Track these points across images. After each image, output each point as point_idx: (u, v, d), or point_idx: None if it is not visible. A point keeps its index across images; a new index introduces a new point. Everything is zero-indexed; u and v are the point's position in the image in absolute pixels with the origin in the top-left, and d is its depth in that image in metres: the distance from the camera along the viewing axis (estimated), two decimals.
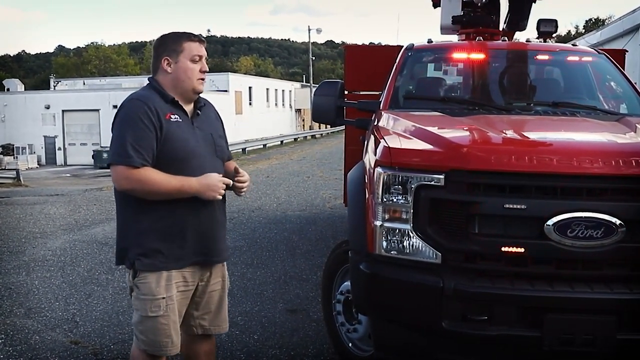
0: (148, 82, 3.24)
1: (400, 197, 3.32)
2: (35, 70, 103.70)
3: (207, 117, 3.33)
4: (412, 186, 3.27)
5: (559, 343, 3.08)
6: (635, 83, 4.95)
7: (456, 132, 3.73)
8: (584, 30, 54.84)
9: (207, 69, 3.25)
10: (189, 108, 3.22)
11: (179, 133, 3.10)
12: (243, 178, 3.31)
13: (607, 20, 51.07)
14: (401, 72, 5.07)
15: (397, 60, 5.23)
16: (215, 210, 3.25)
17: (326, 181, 16.84)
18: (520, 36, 7.23)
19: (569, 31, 63.61)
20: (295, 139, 46.66)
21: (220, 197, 3.15)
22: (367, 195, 3.62)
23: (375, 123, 4.33)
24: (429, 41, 5.45)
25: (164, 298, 3.10)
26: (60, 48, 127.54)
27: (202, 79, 3.22)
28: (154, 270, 3.08)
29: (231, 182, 3.18)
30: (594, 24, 56.72)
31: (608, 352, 3.09)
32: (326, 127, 50.53)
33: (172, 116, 3.10)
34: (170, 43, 3.17)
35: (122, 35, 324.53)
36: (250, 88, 48.45)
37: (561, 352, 3.12)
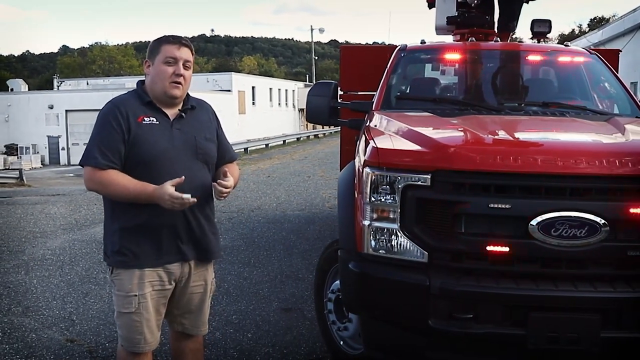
0: None
1: (388, 197, 3.36)
2: (40, 71, 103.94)
3: (195, 120, 3.32)
4: (400, 186, 3.31)
5: (543, 341, 3.12)
6: (637, 82, 4.97)
7: (443, 133, 3.76)
8: (587, 29, 54.76)
9: (182, 73, 3.16)
10: (171, 110, 3.23)
11: (149, 136, 3.12)
12: (226, 183, 3.17)
13: (610, 19, 51.00)
14: (394, 73, 5.11)
15: (390, 61, 5.27)
16: (187, 212, 3.17)
17: (327, 181, 16.88)
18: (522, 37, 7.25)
19: (573, 30, 63.59)
20: (298, 139, 46.69)
21: (177, 208, 3.03)
22: (356, 195, 3.66)
23: (367, 124, 4.36)
24: (422, 42, 5.49)
25: (135, 296, 3.15)
26: (65, 48, 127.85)
27: (176, 83, 3.15)
28: (126, 267, 3.15)
29: (183, 196, 2.98)
30: (597, 23, 56.60)
31: (592, 350, 3.13)
32: (330, 127, 50.55)
33: (145, 119, 3.14)
34: (153, 46, 3.22)
35: (126, 34, 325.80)
36: (253, 88, 48.46)
37: (546, 350, 3.15)
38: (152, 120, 3.15)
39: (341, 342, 4.42)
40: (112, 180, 3.04)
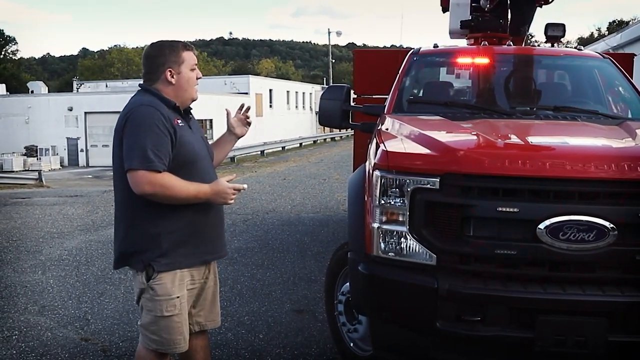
0: (141, 88, 3.31)
1: (397, 200, 3.38)
2: (60, 73, 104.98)
3: (194, 121, 3.46)
4: (409, 189, 3.33)
5: (551, 344, 3.13)
6: None
7: (453, 137, 3.79)
8: (607, 32, 54.31)
9: (202, 76, 3.40)
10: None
11: (187, 137, 3.23)
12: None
13: (630, 22, 50.53)
14: (406, 76, 5.13)
15: (402, 65, 5.29)
16: (220, 208, 3.41)
17: (342, 184, 16.87)
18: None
19: (592, 33, 63.18)
20: (315, 141, 46.74)
21: (232, 202, 3.27)
22: (366, 198, 3.69)
23: (378, 127, 4.39)
24: (435, 46, 5.51)
25: (178, 297, 3.22)
26: (85, 51, 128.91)
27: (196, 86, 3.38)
28: (172, 269, 3.19)
29: (244, 186, 3.29)
30: (617, 26, 56.12)
31: (599, 353, 3.13)
32: (346, 130, 50.38)
33: (178, 121, 3.22)
34: (169, 54, 3.26)
35: (145, 37, 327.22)
36: (270, 90, 48.61)
37: (553, 353, 3.16)
38: (181, 123, 3.25)
39: (351, 344, 4.45)
40: (173, 183, 3.08)
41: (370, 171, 3.60)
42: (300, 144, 42.73)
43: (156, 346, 3.26)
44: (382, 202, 3.43)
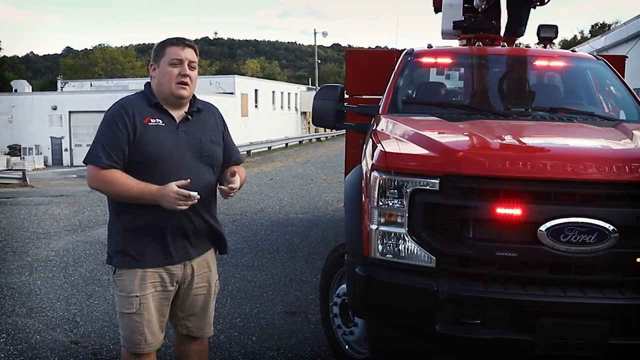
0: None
1: (395, 201, 3.35)
2: (43, 72, 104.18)
3: (201, 122, 3.34)
4: (408, 190, 3.30)
5: (551, 347, 3.11)
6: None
7: (452, 137, 3.76)
8: (589, 35, 54.77)
9: (188, 73, 3.20)
10: (178, 112, 3.26)
11: (155, 137, 3.14)
12: (233, 185, 3.24)
13: (613, 26, 50.96)
14: (400, 77, 5.10)
15: (396, 65, 5.27)
16: (190, 211, 3.16)
17: (330, 184, 16.87)
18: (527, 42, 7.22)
19: (575, 36, 63.74)
20: (300, 142, 46.67)
21: (180, 208, 3.03)
22: (363, 199, 3.65)
23: (374, 127, 4.36)
24: (429, 46, 5.49)
25: (137, 296, 3.17)
26: (68, 50, 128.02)
27: (182, 83, 3.19)
28: (128, 267, 3.17)
29: (190, 193, 3.00)
30: (600, 29, 56.64)
31: (600, 356, 3.12)
32: (332, 130, 50.30)
33: (151, 120, 3.16)
34: (158, 49, 3.26)
35: (129, 37, 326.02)
36: (256, 91, 48.53)
37: (553, 356, 3.15)
38: (159, 122, 3.18)
39: (346, 347, 4.42)
40: (115, 180, 3.07)
41: (368, 172, 3.56)
42: (286, 144, 42.64)
43: (123, 342, 3.29)
44: (380, 203, 3.39)
